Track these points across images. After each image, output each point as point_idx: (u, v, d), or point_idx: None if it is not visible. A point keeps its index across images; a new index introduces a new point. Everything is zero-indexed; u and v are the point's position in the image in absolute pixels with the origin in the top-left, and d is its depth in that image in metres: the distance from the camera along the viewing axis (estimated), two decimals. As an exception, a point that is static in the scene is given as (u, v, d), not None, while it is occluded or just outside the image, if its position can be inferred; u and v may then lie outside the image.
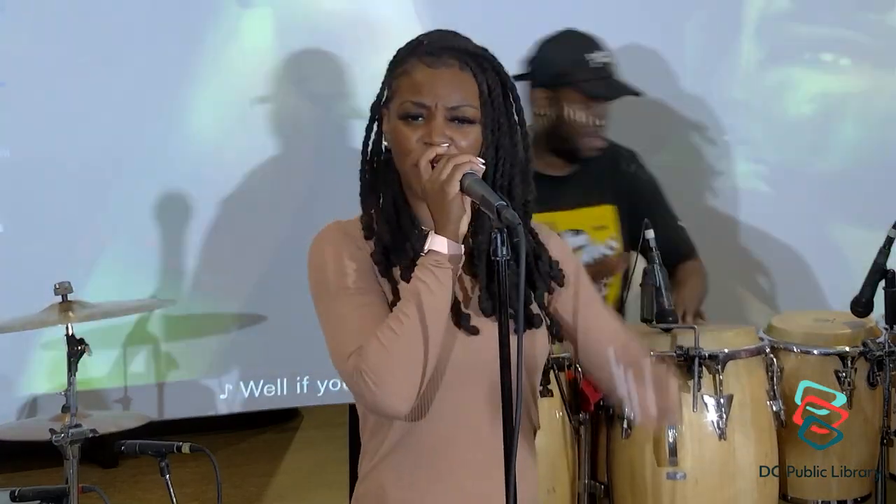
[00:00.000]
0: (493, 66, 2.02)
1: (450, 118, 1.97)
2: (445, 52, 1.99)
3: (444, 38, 2.03)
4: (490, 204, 1.84)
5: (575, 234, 3.33)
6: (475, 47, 2.02)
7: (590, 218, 3.37)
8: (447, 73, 1.98)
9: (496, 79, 2.01)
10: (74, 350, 2.96)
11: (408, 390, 1.91)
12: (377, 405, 1.93)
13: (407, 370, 1.90)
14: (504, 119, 2.01)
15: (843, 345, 3.14)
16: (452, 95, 1.97)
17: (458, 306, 1.99)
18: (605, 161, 3.37)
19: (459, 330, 1.99)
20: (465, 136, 1.97)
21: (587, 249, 3.35)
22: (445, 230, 1.91)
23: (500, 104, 2.00)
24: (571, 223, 3.33)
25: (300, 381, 3.81)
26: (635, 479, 3.04)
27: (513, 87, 2.05)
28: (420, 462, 2.01)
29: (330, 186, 3.73)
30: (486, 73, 2.00)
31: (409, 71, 2.00)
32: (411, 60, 2.00)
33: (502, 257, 1.84)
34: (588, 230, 3.36)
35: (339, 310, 1.98)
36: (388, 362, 1.89)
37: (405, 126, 1.98)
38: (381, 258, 2.00)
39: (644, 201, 3.39)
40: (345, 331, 1.96)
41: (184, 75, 3.63)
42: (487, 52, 2.03)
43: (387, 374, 1.89)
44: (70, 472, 2.92)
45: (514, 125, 2.04)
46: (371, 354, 1.90)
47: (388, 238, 2.00)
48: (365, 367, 1.90)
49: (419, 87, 1.97)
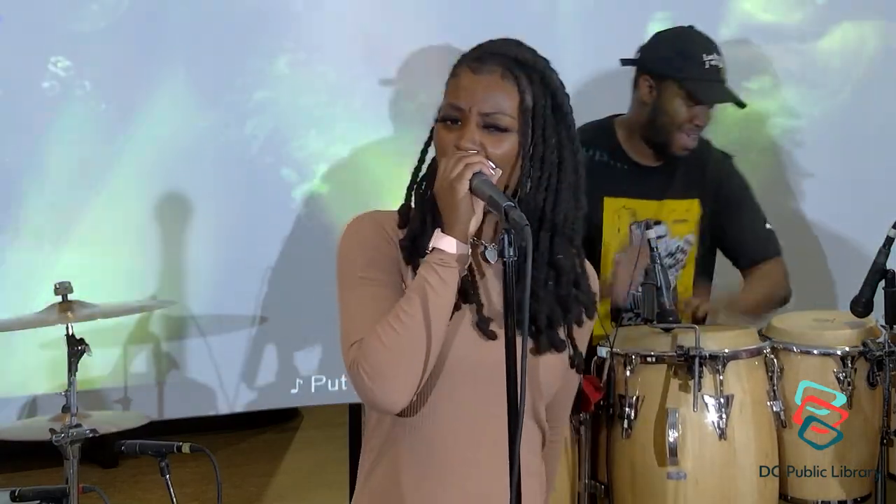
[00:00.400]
0: (542, 78, 1.99)
1: (483, 125, 1.95)
2: (491, 59, 1.98)
3: (496, 45, 2.02)
4: (498, 204, 1.84)
5: (656, 224, 3.30)
6: (526, 56, 2.00)
7: (672, 211, 3.36)
8: (487, 80, 1.97)
9: (543, 91, 1.98)
10: (74, 350, 2.96)
11: (404, 387, 1.91)
12: (372, 400, 1.94)
13: (404, 367, 1.90)
14: (551, 132, 1.98)
15: (843, 345, 3.14)
16: (487, 102, 1.95)
17: (480, 309, 1.99)
18: (696, 158, 3.36)
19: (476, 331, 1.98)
20: (498, 144, 1.95)
21: (664, 241, 3.33)
22: (453, 229, 1.91)
23: (543, 116, 1.97)
24: (653, 213, 3.33)
25: (300, 381, 3.81)
26: (636, 479, 3.04)
27: (563, 102, 2.01)
28: (421, 460, 2.01)
29: (330, 186, 3.74)
30: (532, 84, 1.97)
31: (457, 74, 2.00)
32: (462, 65, 2.01)
33: (509, 258, 1.84)
34: (668, 222, 3.35)
35: (354, 299, 1.99)
36: (385, 358, 1.90)
37: (443, 128, 1.99)
38: (409, 244, 2.00)
39: (730, 202, 3.40)
40: (353, 320, 1.97)
41: (184, 75, 3.63)
42: (539, 63, 2.00)
43: (383, 370, 1.90)
44: (70, 472, 2.92)
45: (564, 141, 2.00)
46: (369, 349, 1.91)
47: (419, 227, 2.00)
48: (362, 360, 1.91)
49: (459, 91, 1.97)
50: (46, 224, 3.57)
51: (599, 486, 3.15)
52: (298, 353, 3.80)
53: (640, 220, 3.30)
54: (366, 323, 1.94)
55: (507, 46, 2.01)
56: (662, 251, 3.26)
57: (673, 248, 3.37)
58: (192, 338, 3.73)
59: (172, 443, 3.03)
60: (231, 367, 3.76)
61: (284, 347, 3.79)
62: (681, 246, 3.38)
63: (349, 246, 2.03)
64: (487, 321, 1.98)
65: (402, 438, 2.02)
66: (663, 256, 3.23)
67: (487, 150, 1.94)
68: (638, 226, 3.31)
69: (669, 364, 3.04)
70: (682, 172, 3.36)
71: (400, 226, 2.03)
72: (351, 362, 1.93)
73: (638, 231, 3.31)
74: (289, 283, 3.76)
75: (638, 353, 3.04)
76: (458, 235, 1.91)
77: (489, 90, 1.96)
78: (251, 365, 3.78)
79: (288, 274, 3.75)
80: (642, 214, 3.31)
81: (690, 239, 3.39)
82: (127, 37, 3.57)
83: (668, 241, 3.35)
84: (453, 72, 2.02)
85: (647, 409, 3.03)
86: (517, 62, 1.98)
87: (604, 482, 3.14)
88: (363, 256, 2.01)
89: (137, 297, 3.57)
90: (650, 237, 3.08)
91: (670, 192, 3.35)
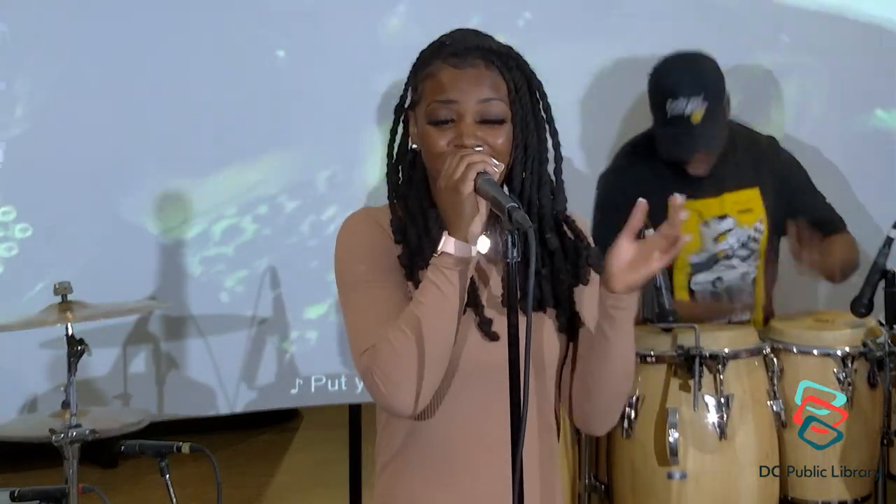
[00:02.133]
0: (517, 64, 1.99)
1: (479, 119, 1.94)
2: (470, 52, 1.96)
3: (467, 38, 1.99)
4: (501, 205, 1.82)
5: (720, 220, 3.31)
6: (499, 45, 1.99)
7: (735, 203, 3.34)
8: (473, 73, 1.95)
9: (522, 76, 1.98)
10: (74, 350, 2.95)
11: (418, 391, 1.89)
12: (389, 405, 1.92)
13: (418, 373, 1.88)
14: (531, 117, 1.98)
15: (843, 345, 3.14)
16: (480, 95, 1.94)
17: (481, 309, 1.97)
18: (744, 147, 3.36)
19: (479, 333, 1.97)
20: (497, 135, 1.94)
21: (734, 233, 3.33)
22: (458, 230, 1.88)
23: (527, 102, 1.98)
24: (716, 210, 3.32)
25: (300, 381, 3.81)
26: (636, 479, 3.04)
27: (539, 85, 2.01)
28: (430, 461, 2.00)
29: (331, 186, 3.73)
30: (511, 71, 1.97)
31: (435, 73, 1.97)
32: (436, 62, 1.97)
33: (513, 259, 1.83)
34: (734, 214, 3.34)
35: (359, 302, 1.96)
36: (399, 365, 1.88)
37: (435, 130, 1.95)
38: (407, 262, 1.98)
39: (790, 183, 3.39)
40: (361, 325, 1.95)
41: (185, 75, 3.63)
42: (512, 50, 2.00)
43: (397, 378, 1.88)
44: (70, 472, 2.91)
45: (542, 122, 2.01)
46: (382, 356, 1.89)
47: (416, 242, 1.97)
48: (376, 368, 1.89)
49: (446, 89, 1.94)
50: (46, 224, 3.58)
51: (600, 486, 3.15)
52: (298, 353, 3.80)
53: (707, 219, 3.30)
54: (375, 327, 1.92)
55: (477, 38, 2.00)
56: (735, 244, 3.30)
57: (745, 239, 3.35)
58: (191, 338, 3.73)
59: (172, 443, 3.03)
60: (231, 367, 3.76)
61: (284, 347, 3.80)
62: (752, 235, 3.36)
63: (347, 247, 2.01)
64: (489, 322, 1.97)
65: (410, 440, 2.01)
66: (737, 249, 3.27)
67: (489, 144, 1.93)
68: (706, 224, 3.31)
69: (669, 364, 3.04)
70: (735, 164, 3.34)
71: (396, 241, 2.00)
72: (364, 370, 1.91)
73: (709, 231, 3.31)
74: (289, 283, 3.76)
75: (638, 352, 3.03)
76: (463, 236, 1.89)
77: (479, 83, 1.95)
78: (251, 365, 3.78)
79: (288, 274, 3.75)
80: (707, 213, 3.30)
81: (760, 227, 3.36)
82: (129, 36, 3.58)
83: (738, 233, 3.34)
84: (426, 71, 1.98)
85: (648, 409, 3.03)
86: (493, 52, 1.97)
87: (604, 482, 3.15)
88: (362, 257, 1.99)
89: (137, 297, 3.57)
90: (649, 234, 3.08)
91: (727, 186, 3.33)
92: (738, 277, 3.35)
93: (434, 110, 1.95)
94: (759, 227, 3.35)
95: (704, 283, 3.34)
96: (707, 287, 3.35)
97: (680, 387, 3.01)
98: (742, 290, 3.36)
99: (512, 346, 1.81)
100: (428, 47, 2.01)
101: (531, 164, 1.99)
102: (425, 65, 1.99)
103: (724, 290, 3.35)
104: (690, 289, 3.34)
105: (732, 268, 3.34)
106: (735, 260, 3.34)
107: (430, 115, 1.96)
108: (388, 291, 1.96)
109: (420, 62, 2.01)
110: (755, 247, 3.36)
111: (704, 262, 3.33)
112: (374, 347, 1.90)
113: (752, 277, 3.36)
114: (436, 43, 2.01)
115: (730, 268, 3.34)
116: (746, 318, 3.34)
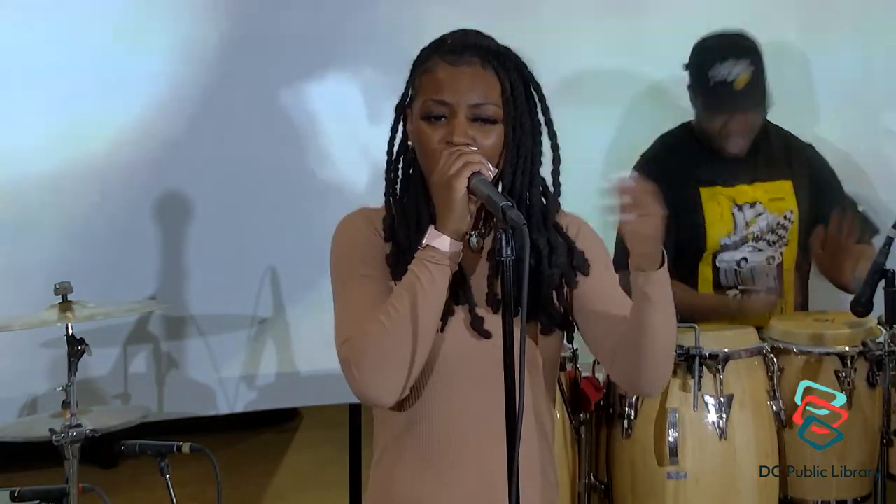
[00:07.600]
0: (515, 65, 2.00)
1: (472, 117, 1.95)
2: (468, 51, 1.97)
3: (467, 37, 2.01)
4: (495, 204, 1.83)
5: (751, 206, 3.37)
6: (498, 46, 2.00)
7: (766, 192, 3.40)
8: (469, 72, 1.96)
9: (519, 78, 1.99)
10: (74, 350, 2.96)
11: (391, 382, 1.91)
12: (360, 393, 1.94)
13: (391, 363, 1.90)
14: (526, 119, 1.99)
15: (843, 345, 3.14)
16: (474, 93, 1.95)
17: (472, 307, 1.98)
18: (779, 142, 3.44)
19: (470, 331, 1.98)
20: (488, 135, 1.96)
21: (764, 216, 3.38)
22: (447, 226, 1.90)
23: (522, 103, 1.99)
24: (747, 197, 3.38)
25: (300, 381, 3.81)
26: (636, 479, 3.04)
27: (537, 87, 2.02)
28: (423, 458, 2.02)
29: (331, 186, 3.74)
30: (508, 72, 1.98)
31: (432, 69, 1.98)
32: (434, 59, 1.99)
33: (507, 258, 1.83)
34: (764, 202, 3.39)
35: (347, 295, 1.99)
36: (373, 355, 1.90)
37: (427, 126, 1.97)
38: (395, 261, 1.99)
39: (821, 184, 3.44)
40: (345, 318, 1.97)
41: (184, 74, 3.63)
42: (510, 51, 2.01)
43: (370, 366, 1.90)
44: (70, 472, 2.92)
45: (538, 125, 2.02)
46: (358, 344, 1.91)
47: (406, 241, 1.99)
48: (351, 357, 1.91)
49: (441, 86, 1.96)
50: (46, 224, 3.58)
51: (600, 486, 3.15)
52: (298, 353, 3.80)
53: (740, 203, 3.36)
54: (356, 320, 1.94)
55: (477, 37, 2.01)
56: (764, 227, 3.35)
57: (774, 224, 3.39)
58: (191, 338, 3.73)
59: (172, 443, 3.03)
60: (231, 367, 3.76)
61: (284, 347, 3.79)
62: (781, 222, 3.40)
63: (341, 243, 2.04)
64: (481, 320, 1.98)
65: (405, 437, 2.03)
66: (766, 233, 3.32)
67: (479, 143, 1.94)
68: (740, 209, 3.35)
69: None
70: (769, 156, 3.41)
71: (385, 239, 2.02)
72: (342, 360, 1.94)
73: (741, 214, 3.36)
74: (289, 283, 3.76)
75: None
76: (452, 232, 1.91)
77: (473, 82, 1.96)
78: (251, 365, 3.79)
79: (288, 274, 3.75)
80: (741, 198, 3.37)
81: (790, 215, 3.40)
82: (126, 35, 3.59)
83: (768, 217, 3.38)
84: (423, 67, 1.99)
85: (648, 409, 3.03)
86: (491, 52, 1.98)
87: (604, 482, 3.15)
88: (355, 253, 2.01)
89: (137, 297, 3.57)
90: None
91: (760, 176, 3.40)
92: (764, 260, 3.38)
93: (427, 107, 1.97)
94: (790, 215, 3.40)
95: (730, 261, 3.38)
96: (732, 265, 3.39)
97: (680, 387, 3.01)
98: (766, 274, 3.39)
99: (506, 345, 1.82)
100: (429, 44, 2.03)
101: (523, 165, 1.99)
102: (424, 61, 2.01)
103: (749, 271, 3.38)
104: (715, 265, 3.38)
105: (759, 251, 3.39)
106: (762, 243, 3.39)
107: (423, 112, 1.98)
108: (376, 286, 1.98)
109: (419, 59, 2.03)
110: (783, 233, 3.40)
111: (732, 244, 3.38)
112: (351, 338, 1.92)
113: (777, 262, 3.40)
114: (437, 40, 2.03)
115: (757, 251, 3.39)
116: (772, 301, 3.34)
